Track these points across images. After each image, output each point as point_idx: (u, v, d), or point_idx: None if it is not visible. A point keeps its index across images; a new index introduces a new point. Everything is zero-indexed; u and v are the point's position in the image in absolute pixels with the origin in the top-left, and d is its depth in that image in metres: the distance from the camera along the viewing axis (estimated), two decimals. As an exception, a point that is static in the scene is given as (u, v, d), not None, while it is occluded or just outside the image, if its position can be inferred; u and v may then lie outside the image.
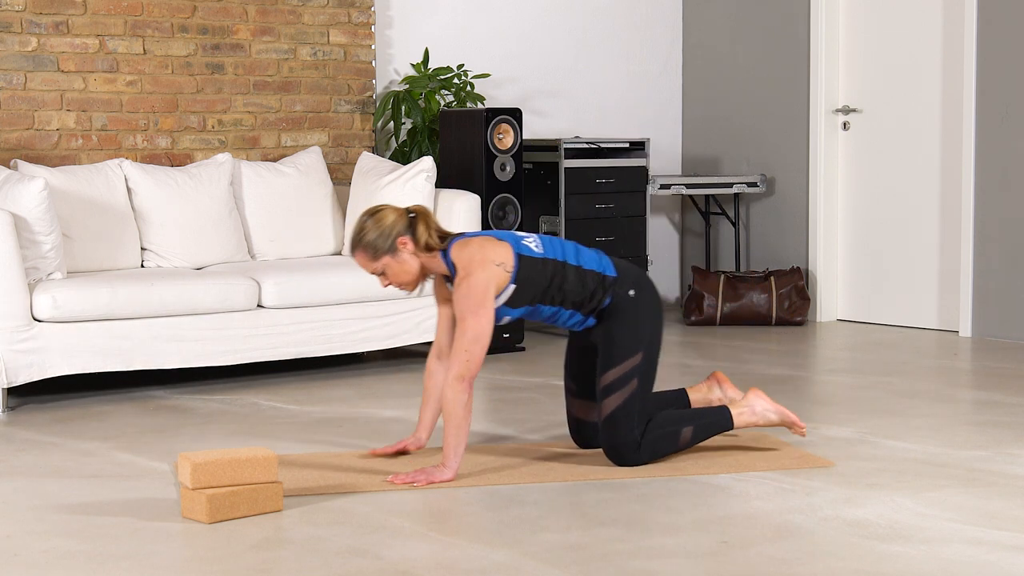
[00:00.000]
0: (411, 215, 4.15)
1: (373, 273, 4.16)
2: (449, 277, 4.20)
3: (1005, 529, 3.54)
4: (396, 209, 4.15)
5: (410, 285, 4.18)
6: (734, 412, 4.30)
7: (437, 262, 4.15)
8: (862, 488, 3.96)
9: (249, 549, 3.41)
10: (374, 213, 4.14)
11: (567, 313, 4.21)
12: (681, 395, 4.50)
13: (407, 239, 4.11)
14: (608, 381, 4.18)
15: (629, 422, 4.16)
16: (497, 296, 4.09)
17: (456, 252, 4.11)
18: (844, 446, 4.51)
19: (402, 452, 4.36)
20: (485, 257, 4.07)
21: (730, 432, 4.48)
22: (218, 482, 3.67)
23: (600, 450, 4.39)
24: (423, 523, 3.64)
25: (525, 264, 4.12)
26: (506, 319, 4.19)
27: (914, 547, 3.39)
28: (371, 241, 4.10)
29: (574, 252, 4.22)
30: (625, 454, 4.18)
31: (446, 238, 4.16)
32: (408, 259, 4.12)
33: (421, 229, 4.12)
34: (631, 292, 4.21)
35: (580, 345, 4.38)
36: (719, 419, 4.28)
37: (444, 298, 4.28)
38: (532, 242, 4.18)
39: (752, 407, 4.32)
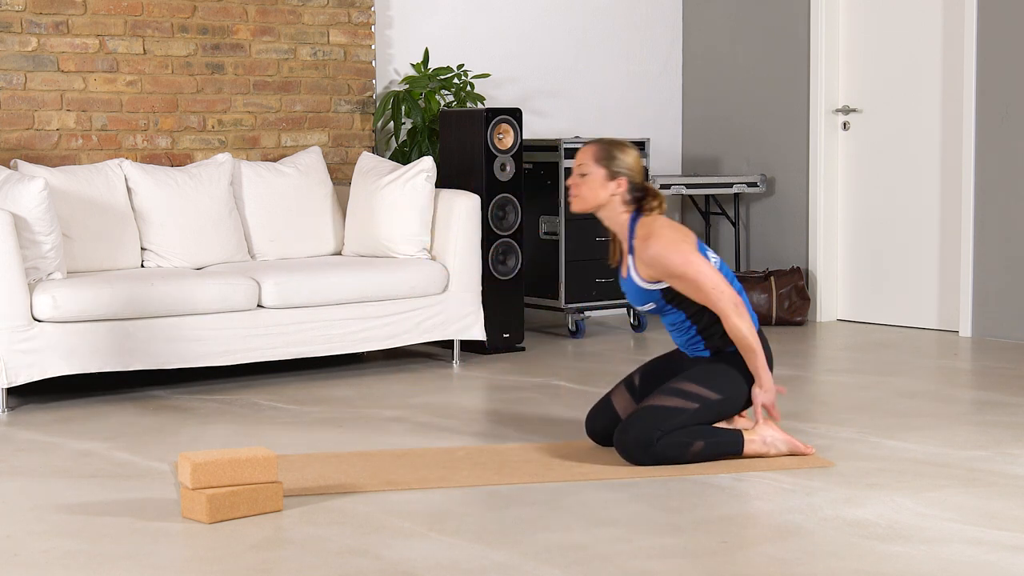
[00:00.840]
0: (648, 181, 4.42)
1: (577, 170, 4.34)
2: (626, 247, 4.35)
3: (1005, 529, 3.54)
4: (642, 169, 4.35)
5: (584, 203, 4.35)
6: (746, 439, 4.30)
7: (623, 219, 4.32)
8: (862, 488, 3.96)
9: (249, 549, 3.41)
10: (634, 148, 4.36)
11: (693, 331, 4.32)
12: None
13: (625, 183, 4.29)
14: (676, 387, 4.24)
15: (658, 424, 4.17)
16: (661, 281, 4.25)
17: (644, 220, 4.29)
18: (844, 446, 4.51)
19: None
20: (675, 228, 4.26)
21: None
22: (218, 482, 3.67)
23: (607, 450, 4.39)
24: (423, 523, 3.64)
25: None
26: (650, 305, 4.32)
27: (914, 547, 3.39)
28: (611, 154, 4.32)
29: (737, 292, 4.33)
30: (634, 450, 4.18)
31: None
32: (609, 191, 4.30)
33: (650, 197, 4.32)
34: None
35: (675, 360, 4.45)
36: (731, 442, 4.28)
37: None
38: (713, 257, 4.33)
39: (763, 438, 4.31)
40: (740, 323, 4.20)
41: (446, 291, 6.15)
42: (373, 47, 6.97)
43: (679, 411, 4.19)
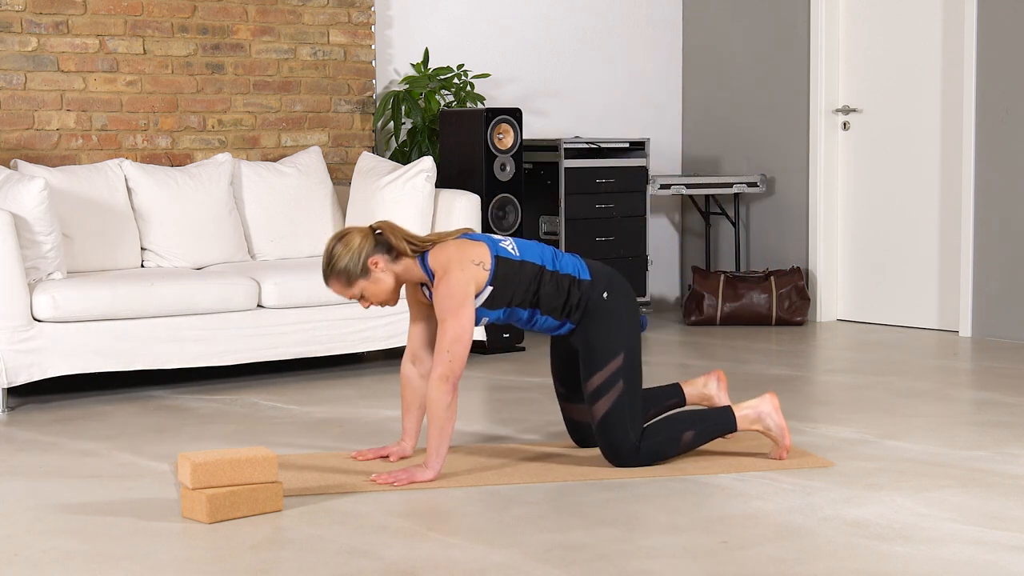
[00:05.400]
0: (377, 232, 4.14)
1: (350, 298, 4.17)
2: (427, 284, 4.18)
3: (1005, 529, 3.54)
4: (361, 230, 4.14)
5: (391, 300, 4.20)
6: (738, 414, 4.26)
7: (415, 270, 4.14)
8: (862, 488, 3.96)
9: (249, 549, 3.41)
10: (341, 237, 4.12)
11: (543, 318, 4.20)
12: (675, 389, 4.50)
13: (377, 258, 4.10)
14: (594, 386, 4.16)
15: (623, 424, 4.15)
16: (476, 296, 4.09)
17: (433, 256, 4.10)
18: (844, 446, 4.51)
19: (384, 458, 4.34)
20: (463, 256, 4.07)
21: (732, 435, 4.45)
22: (218, 482, 3.67)
23: (599, 449, 4.39)
24: (423, 523, 3.64)
25: (502, 265, 4.11)
26: (484, 320, 4.18)
27: (914, 547, 3.39)
28: (343, 268, 4.09)
29: (551, 257, 4.21)
30: (622, 456, 4.18)
31: (418, 244, 4.14)
32: (383, 277, 4.12)
33: (393, 240, 4.11)
34: (604, 295, 4.20)
35: (562, 349, 4.39)
36: (722, 420, 4.24)
37: (416, 302, 4.27)
38: (509, 245, 4.18)
39: (758, 409, 4.27)
40: (438, 389, 3.98)
41: (446, 291, 6.15)
42: (373, 47, 6.97)
43: (619, 402, 4.13)
